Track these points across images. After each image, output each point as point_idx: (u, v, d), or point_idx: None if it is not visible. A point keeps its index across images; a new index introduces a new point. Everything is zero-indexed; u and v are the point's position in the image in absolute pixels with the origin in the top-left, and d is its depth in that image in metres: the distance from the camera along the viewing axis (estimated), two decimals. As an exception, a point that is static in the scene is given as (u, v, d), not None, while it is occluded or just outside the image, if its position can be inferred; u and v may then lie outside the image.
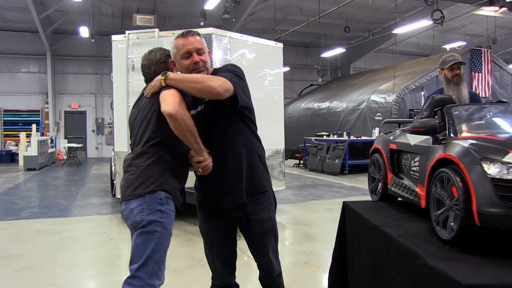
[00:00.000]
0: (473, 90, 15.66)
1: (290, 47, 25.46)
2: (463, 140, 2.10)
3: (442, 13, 15.09)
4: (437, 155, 2.12)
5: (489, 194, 1.80)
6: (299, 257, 5.58)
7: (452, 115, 2.41)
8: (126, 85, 7.59)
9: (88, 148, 24.30)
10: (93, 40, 21.06)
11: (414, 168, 2.54)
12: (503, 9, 16.69)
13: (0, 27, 21.57)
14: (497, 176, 1.81)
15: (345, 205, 3.12)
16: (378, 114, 15.94)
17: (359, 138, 15.68)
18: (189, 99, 2.47)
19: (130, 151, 2.59)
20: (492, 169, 1.83)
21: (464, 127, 2.35)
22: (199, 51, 2.51)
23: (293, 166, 17.50)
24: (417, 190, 2.42)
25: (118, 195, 7.91)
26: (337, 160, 14.65)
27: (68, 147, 20.18)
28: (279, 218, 8.16)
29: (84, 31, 19.53)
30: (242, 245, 6.36)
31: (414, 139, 2.54)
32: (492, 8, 16.82)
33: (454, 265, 1.77)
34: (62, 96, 23.71)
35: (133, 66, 7.64)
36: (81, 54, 23.45)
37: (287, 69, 23.86)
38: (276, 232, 2.78)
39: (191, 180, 2.65)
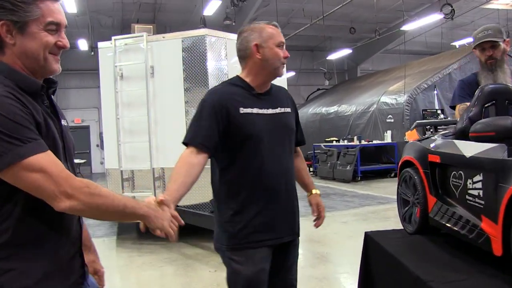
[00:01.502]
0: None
1: (295, 51, 24.90)
2: None
3: (451, 6, 14.37)
4: (521, 175, 1.36)
5: None
6: (311, 284, 4.87)
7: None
8: (114, 95, 6.93)
9: (93, 163, 23.84)
10: (92, 53, 20.62)
11: (474, 192, 1.74)
12: (516, 1, 15.92)
13: None
14: None
15: (369, 239, 2.31)
16: (390, 116, 15.22)
17: (370, 142, 15.01)
18: None
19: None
20: None
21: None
22: None
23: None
24: (481, 225, 1.65)
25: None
26: (348, 167, 13.94)
27: (71, 163, 19.64)
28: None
29: (83, 44, 19.12)
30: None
31: (470, 149, 1.75)
32: (504, 0, 16.06)
33: None
34: (64, 111, 22.26)
35: (121, 75, 7.01)
36: (82, 68, 22.97)
37: (292, 73, 23.29)
38: None
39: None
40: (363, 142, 14.88)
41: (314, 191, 2.58)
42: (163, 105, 6.84)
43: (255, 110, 2.27)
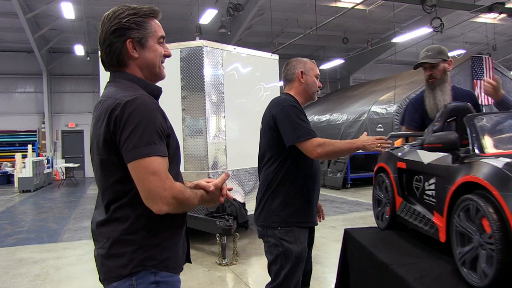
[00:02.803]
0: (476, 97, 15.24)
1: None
2: (494, 158, 1.68)
3: (441, 20, 14.78)
4: (460, 178, 1.70)
5: (536, 230, 1.39)
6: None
7: (475, 127, 1.97)
8: (114, 102, 7.22)
9: (86, 167, 23.88)
10: (88, 58, 20.83)
11: (429, 193, 2.10)
12: (502, 15, 16.36)
13: (-5, 47, 21.37)
14: (547, 207, 1.40)
15: (347, 234, 2.68)
16: (380, 125, 15.57)
17: (360, 151, 15.21)
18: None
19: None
20: (537, 198, 1.41)
21: (491, 141, 1.92)
22: None
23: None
24: (433, 219, 1.99)
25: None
26: (338, 174, 14.25)
27: (65, 167, 19.78)
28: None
29: (79, 49, 19.32)
30: (238, 269, 5.95)
31: (427, 157, 2.10)
32: (491, 15, 16.52)
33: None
34: (59, 116, 23.39)
35: (121, 82, 7.30)
36: (78, 73, 23.20)
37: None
38: None
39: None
40: (354, 150, 15.12)
41: None
42: (161, 112, 7.12)
43: None
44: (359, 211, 10.05)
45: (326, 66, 22.98)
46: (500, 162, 1.60)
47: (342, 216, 9.55)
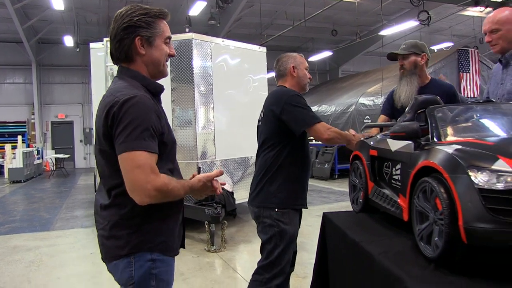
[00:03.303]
0: (462, 90, 15.49)
1: (278, 52, 25.04)
2: (448, 145, 1.89)
3: (428, 13, 15.00)
4: (419, 163, 1.90)
5: (477, 207, 1.58)
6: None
7: (435, 117, 2.18)
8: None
9: (76, 158, 23.94)
10: (78, 49, 20.79)
11: (396, 177, 2.31)
12: (489, 9, 16.62)
13: (-17, 38, 21.26)
14: (486, 187, 1.59)
15: (325, 217, 2.90)
16: (367, 117, 15.79)
17: (348, 142, 15.46)
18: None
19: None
20: (480, 179, 1.61)
21: (449, 130, 2.11)
22: None
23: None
24: (398, 201, 2.20)
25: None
26: (326, 165, 14.48)
27: (55, 158, 19.84)
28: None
29: (68, 41, 19.28)
30: (226, 256, 6.15)
31: (395, 145, 2.31)
32: (478, 8, 16.76)
33: (439, 289, 1.57)
34: (48, 107, 23.36)
35: (112, 74, 7.43)
36: (67, 64, 23.12)
37: (273, 74, 23.70)
38: None
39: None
40: (341, 141, 15.37)
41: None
42: (151, 103, 7.28)
43: None
44: (345, 200, 10.28)
45: (315, 58, 23.12)
46: (451, 149, 1.80)
47: (329, 205, 9.78)
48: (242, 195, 7.34)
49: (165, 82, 6.67)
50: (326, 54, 22.51)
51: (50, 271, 5.51)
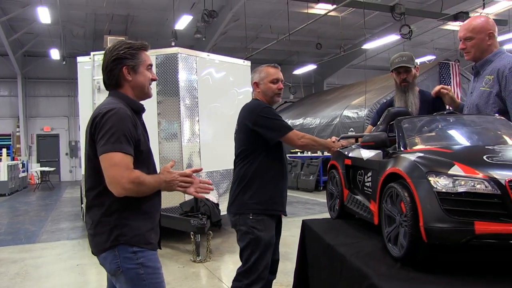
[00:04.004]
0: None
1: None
2: (412, 153, 2.05)
3: (409, 27, 15.33)
4: (387, 170, 2.06)
5: (435, 208, 1.73)
6: (280, 278, 5.48)
7: (402, 128, 2.35)
8: (92, 106, 7.46)
9: (62, 171, 23.83)
10: (64, 63, 20.80)
11: (367, 184, 2.47)
12: (468, 24, 17.03)
13: (-32, 50, 21.17)
14: (443, 190, 1.75)
15: (304, 224, 3.04)
16: (351, 129, 15.99)
17: (333, 154, 15.61)
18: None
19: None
20: (438, 183, 1.77)
21: (414, 140, 2.28)
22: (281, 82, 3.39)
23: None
24: (370, 206, 2.36)
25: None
26: (311, 177, 14.63)
27: (41, 171, 19.74)
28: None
29: (55, 54, 19.29)
30: (211, 266, 6.22)
31: (366, 154, 2.48)
32: (458, 23, 17.17)
33: (402, 285, 1.70)
34: (34, 120, 23.28)
35: (99, 87, 7.54)
36: (53, 77, 23.13)
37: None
38: None
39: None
40: (325, 153, 15.54)
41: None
42: (137, 116, 7.38)
43: None
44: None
45: (300, 71, 23.41)
46: (414, 156, 1.96)
47: (313, 216, 9.80)
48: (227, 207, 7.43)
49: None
50: (311, 67, 22.80)
51: (36, 282, 5.54)
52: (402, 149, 2.25)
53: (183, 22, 16.25)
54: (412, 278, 1.77)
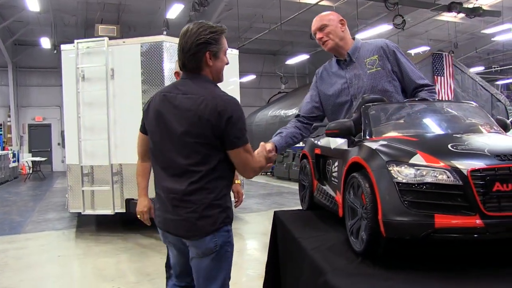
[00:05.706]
0: (436, 93, 15.74)
1: (257, 55, 25.45)
2: (374, 142, 1.95)
3: (402, 17, 15.24)
4: (350, 159, 1.96)
5: (395, 200, 1.63)
6: (261, 267, 5.42)
7: (368, 115, 2.24)
8: (76, 95, 7.33)
9: (54, 161, 23.68)
10: (55, 52, 20.55)
11: (334, 174, 2.36)
12: (462, 14, 16.95)
13: (-42, 39, 20.92)
14: (403, 181, 1.65)
15: (275, 215, 2.94)
16: (344, 119, 15.92)
17: (325, 145, 15.58)
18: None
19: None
20: (398, 173, 1.67)
21: (380, 128, 2.18)
22: None
23: (261, 174, 17.34)
24: (336, 197, 2.26)
25: (71, 210, 7.62)
26: (303, 167, 14.53)
27: (32, 161, 19.59)
28: (240, 228, 8.00)
29: (45, 42, 19.07)
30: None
31: (334, 143, 2.38)
32: (452, 13, 17.07)
33: (357, 281, 1.61)
34: (25, 109, 23.09)
35: (83, 76, 7.41)
36: (45, 66, 22.84)
37: (253, 77, 23.89)
38: None
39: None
40: (318, 144, 15.48)
41: (236, 181, 3.19)
42: (122, 105, 7.27)
43: None
44: (319, 202, 10.35)
45: (292, 61, 23.26)
46: (375, 145, 1.86)
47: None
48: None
49: (136, 84, 6.60)
50: (303, 57, 22.67)
51: (14, 273, 5.44)
52: (367, 137, 2.15)
53: (175, 10, 16.08)
54: (369, 274, 1.67)
